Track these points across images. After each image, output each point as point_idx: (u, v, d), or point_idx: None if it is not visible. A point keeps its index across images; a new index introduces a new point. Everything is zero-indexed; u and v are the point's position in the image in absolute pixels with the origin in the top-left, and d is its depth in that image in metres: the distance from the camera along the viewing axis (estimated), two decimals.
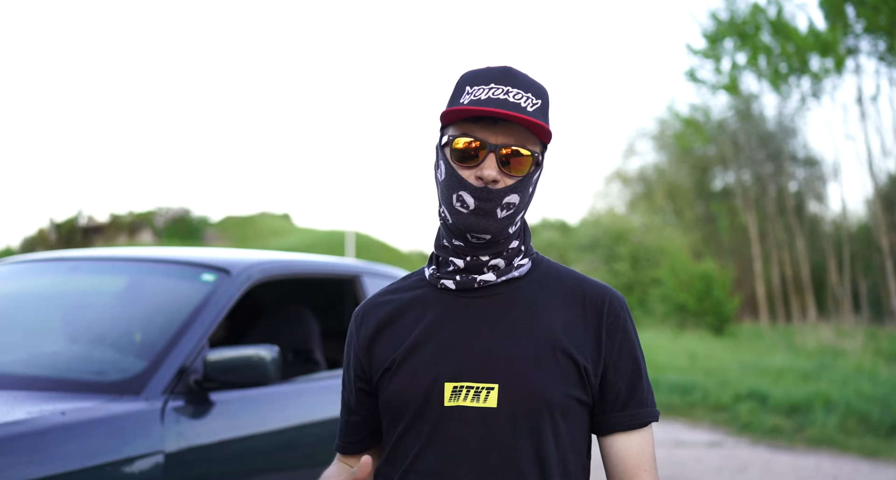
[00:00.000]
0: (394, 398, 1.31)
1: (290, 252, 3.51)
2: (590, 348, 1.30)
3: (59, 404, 2.11)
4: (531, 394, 1.25)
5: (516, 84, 1.27)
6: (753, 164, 27.53)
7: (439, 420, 1.27)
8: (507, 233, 1.30)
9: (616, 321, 1.32)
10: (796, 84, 25.47)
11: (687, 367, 11.25)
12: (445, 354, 1.28)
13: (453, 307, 1.32)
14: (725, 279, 19.96)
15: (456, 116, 1.27)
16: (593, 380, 1.30)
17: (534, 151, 1.29)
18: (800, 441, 7.62)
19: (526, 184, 1.29)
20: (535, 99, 1.28)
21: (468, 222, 1.27)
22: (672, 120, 29.67)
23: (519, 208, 1.30)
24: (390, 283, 1.47)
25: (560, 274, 1.37)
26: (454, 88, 1.32)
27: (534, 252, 1.39)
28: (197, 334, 2.48)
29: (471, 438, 1.25)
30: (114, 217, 35.55)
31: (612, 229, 24.90)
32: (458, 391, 1.26)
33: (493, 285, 1.32)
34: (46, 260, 3.08)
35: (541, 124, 1.25)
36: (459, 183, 1.27)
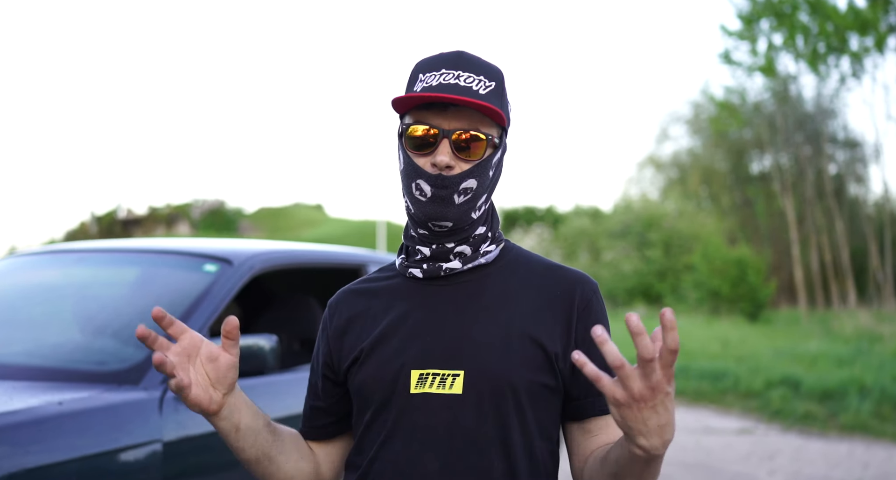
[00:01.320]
0: (362, 387, 1.31)
1: (299, 242, 3.52)
2: (559, 333, 1.28)
3: (58, 394, 2.14)
4: (496, 380, 1.24)
5: (468, 68, 1.26)
6: (791, 147, 26.99)
7: (405, 407, 1.26)
8: (468, 219, 1.28)
9: (588, 307, 1.30)
10: (835, 64, 24.87)
11: (719, 353, 11.11)
12: (412, 342, 1.28)
13: (421, 296, 1.32)
14: (761, 265, 19.63)
15: (407, 103, 1.26)
16: (562, 366, 1.27)
17: (488, 135, 1.26)
18: (832, 427, 7.49)
19: (483, 168, 1.27)
20: (489, 81, 1.26)
21: (427, 210, 1.26)
22: (706, 103, 29.18)
23: (478, 193, 1.28)
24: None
25: (530, 261, 1.36)
26: (409, 75, 1.31)
27: (502, 239, 1.37)
28: (197, 323, 2.50)
29: (436, 425, 1.24)
30: (152, 210, 36.16)
31: (643, 215, 24.61)
32: (425, 378, 1.26)
33: (462, 273, 1.31)
34: (52, 253, 3.13)
35: (490, 107, 1.23)
36: (416, 171, 1.26)
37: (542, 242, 26.89)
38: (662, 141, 32.12)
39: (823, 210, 25.88)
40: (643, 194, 30.65)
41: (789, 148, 26.90)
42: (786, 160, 27.28)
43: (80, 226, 35.30)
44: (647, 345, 0.96)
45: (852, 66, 24.91)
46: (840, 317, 16.88)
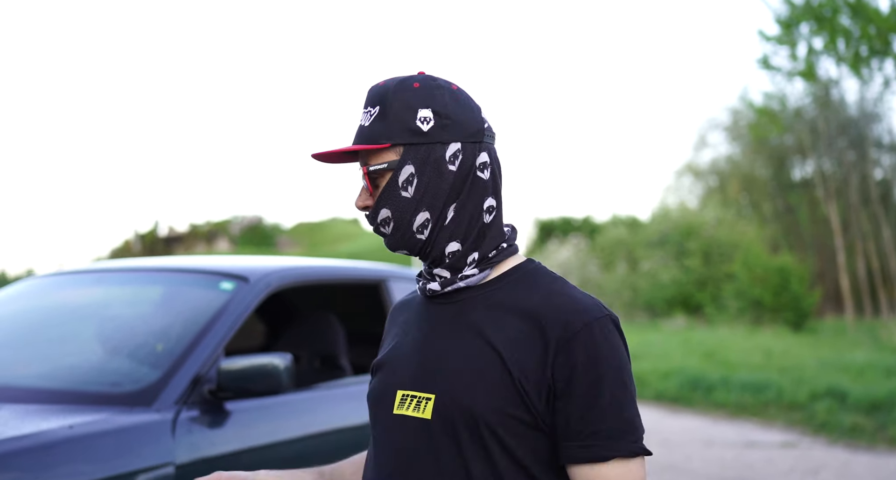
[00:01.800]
0: (367, 400, 1.34)
1: (316, 258, 3.49)
2: (532, 367, 1.17)
3: (69, 417, 2.13)
4: (461, 408, 1.18)
5: (367, 102, 1.27)
6: (834, 152, 26.46)
7: (388, 427, 1.26)
8: (416, 242, 1.25)
9: (572, 340, 1.17)
10: (878, 67, 24.33)
11: (761, 364, 10.84)
12: (405, 360, 1.28)
13: (424, 314, 1.31)
14: (804, 273, 19.19)
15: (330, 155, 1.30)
16: (535, 401, 1.17)
17: (376, 164, 1.24)
18: (881, 440, 7.23)
19: (388, 194, 1.23)
20: (373, 108, 1.25)
21: (385, 243, 1.30)
22: (745, 110, 28.74)
23: (401, 218, 1.23)
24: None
25: (536, 284, 1.26)
26: None
27: (499, 260, 1.27)
28: (213, 342, 2.47)
29: (408, 449, 1.22)
30: (192, 227, 36.74)
31: (682, 223, 24.25)
32: (405, 399, 1.24)
33: (459, 291, 1.27)
34: (73, 273, 3.14)
35: (351, 148, 1.24)
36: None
37: (579, 252, 26.65)
38: (700, 148, 31.69)
39: (869, 216, 25.27)
40: (681, 203, 30.24)
41: (832, 153, 26.36)
42: (829, 166, 26.72)
43: (124, 244, 35.98)
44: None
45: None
46: (888, 326, 16.41)
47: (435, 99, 1.23)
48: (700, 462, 6.43)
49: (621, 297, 23.02)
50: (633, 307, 22.82)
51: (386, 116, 1.22)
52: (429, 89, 1.23)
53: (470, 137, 1.24)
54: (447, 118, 1.23)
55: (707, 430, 7.92)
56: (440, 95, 1.23)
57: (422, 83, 1.24)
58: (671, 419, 8.62)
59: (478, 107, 1.28)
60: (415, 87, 1.23)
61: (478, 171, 1.24)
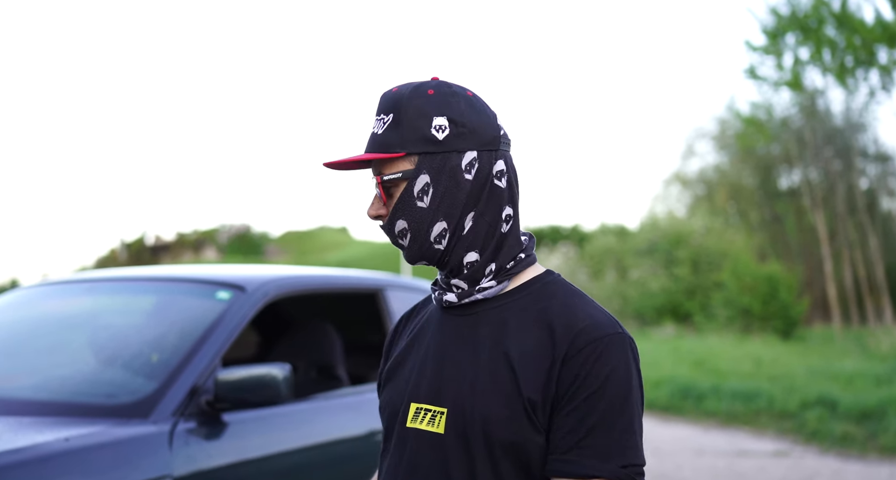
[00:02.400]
0: (380, 412, 1.31)
1: (314, 267, 3.46)
2: (539, 382, 1.14)
3: (65, 430, 2.09)
4: (472, 423, 1.15)
5: (379, 109, 1.23)
6: (821, 161, 26.67)
7: (401, 440, 1.23)
8: (434, 252, 1.22)
9: (577, 356, 1.14)
10: (864, 77, 24.57)
11: (751, 373, 10.86)
12: (417, 371, 1.24)
13: (437, 323, 1.28)
14: (792, 281, 19.28)
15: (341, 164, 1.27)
16: (541, 417, 1.14)
17: (390, 173, 1.20)
18: (872, 449, 7.24)
19: (404, 204, 1.20)
20: (387, 116, 1.21)
21: (403, 255, 1.28)
22: (732, 119, 28.93)
23: (418, 228, 1.21)
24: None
25: (553, 297, 1.21)
26: None
27: (516, 271, 1.24)
28: (210, 353, 2.44)
29: (422, 463, 1.19)
30: (179, 236, 36.55)
31: (670, 232, 24.34)
32: (419, 412, 1.21)
33: (474, 303, 1.24)
34: (64, 283, 3.10)
35: (364, 157, 1.21)
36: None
37: (568, 261, 26.69)
38: (688, 158, 31.85)
39: (856, 225, 25.47)
40: (670, 212, 30.37)
41: (819, 163, 26.55)
42: (815, 175, 26.92)
43: (110, 253, 35.74)
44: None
45: (881, 79, 24.60)
46: (876, 334, 16.50)
47: (450, 106, 1.20)
48: (691, 472, 6.42)
49: (610, 305, 23.06)
50: (623, 315, 22.86)
51: (400, 124, 1.19)
52: (444, 96, 1.20)
53: (486, 146, 1.21)
54: (463, 126, 1.20)
55: (698, 439, 7.91)
56: (455, 102, 1.20)
57: (436, 90, 1.21)
58: (662, 427, 8.62)
59: (493, 113, 1.24)
60: (429, 94, 1.20)
61: (495, 179, 1.21)
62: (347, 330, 3.61)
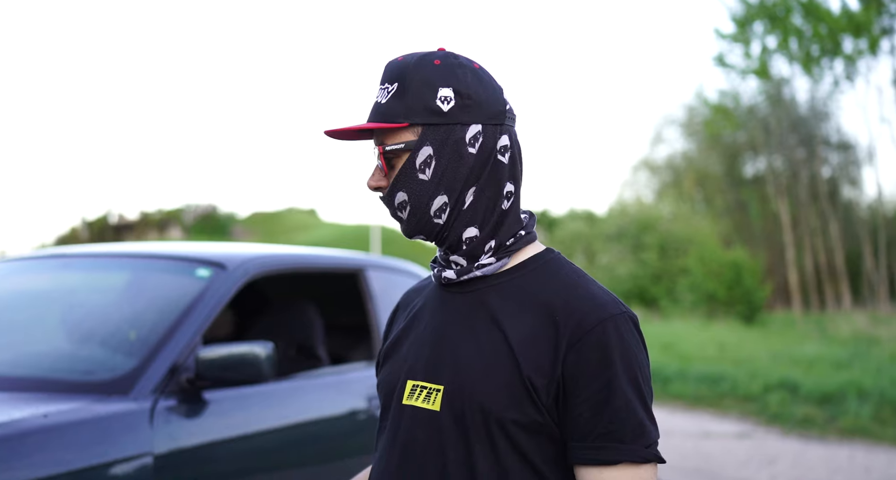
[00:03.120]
0: (377, 389, 1.31)
1: (295, 246, 3.43)
2: (542, 363, 1.13)
3: (43, 405, 2.05)
4: (469, 402, 1.14)
5: (383, 78, 1.21)
6: (785, 149, 27.04)
7: (396, 416, 1.22)
8: (433, 226, 1.20)
9: (585, 339, 1.12)
10: (829, 67, 24.93)
11: (716, 357, 11.05)
12: (416, 349, 1.23)
13: (436, 301, 1.26)
14: (756, 268, 19.61)
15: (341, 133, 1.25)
16: (544, 399, 1.12)
17: (393, 144, 1.18)
18: (832, 431, 7.42)
19: (405, 176, 1.18)
20: (391, 85, 1.19)
21: (401, 229, 1.26)
22: (700, 107, 29.21)
23: (418, 201, 1.18)
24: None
25: (556, 276, 1.20)
26: None
27: (518, 247, 1.23)
28: (190, 330, 2.41)
29: (416, 440, 1.18)
30: (144, 215, 36.03)
31: (639, 218, 24.59)
32: (415, 390, 1.20)
33: (473, 281, 1.22)
34: (39, 258, 3.03)
35: (367, 126, 1.19)
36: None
37: None
38: (657, 144, 32.14)
39: (818, 213, 25.93)
40: (638, 198, 30.65)
41: (783, 151, 26.93)
42: (780, 163, 27.31)
43: (70, 231, 35.11)
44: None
45: (846, 68, 24.96)
46: (835, 320, 16.87)
47: (457, 78, 1.17)
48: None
49: None
50: None
51: (405, 94, 1.17)
52: (450, 67, 1.18)
53: (491, 119, 1.18)
54: (468, 98, 1.17)
55: (665, 421, 8.03)
56: (462, 73, 1.18)
57: (443, 61, 1.18)
58: None
59: (500, 87, 1.22)
60: (436, 64, 1.17)
61: (498, 154, 1.19)
62: (327, 310, 3.59)
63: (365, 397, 2.88)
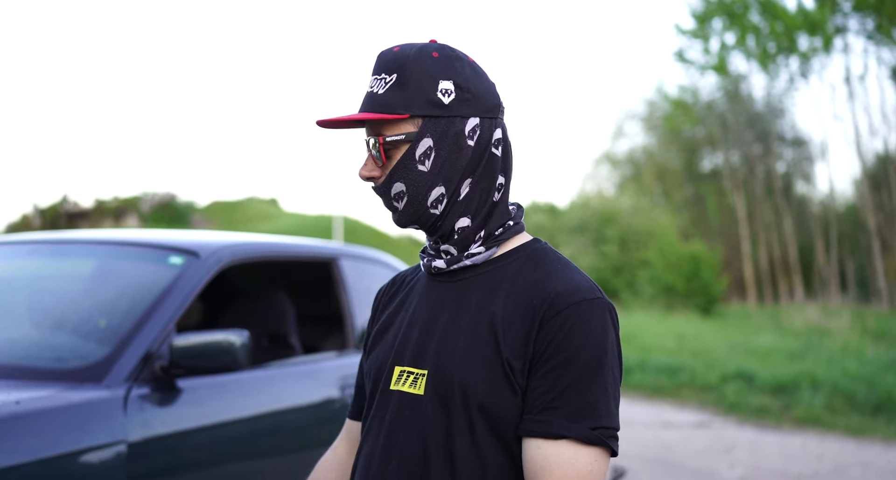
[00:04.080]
0: (365, 376, 1.33)
1: (267, 234, 3.40)
2: (518, 344, 1.15)
3: (14, 393, 2.02)
4: (451, 385, 1.17)
5: (378, 68, 1.21)
6: (742, 145, 27.53)
7: (384, 402, 1.24)
8: (429, 217, 1.22)
9: (555, 318, 1.14)
10: (785, 64, 25.41)
11: (674, 348, 11.24)
12: (403, 336, 1.26)
13: (425, 290, 1.29)
14: (713, 261, 19.97)
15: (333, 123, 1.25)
16: (520, 380, 1.15)
17: (392, 135, 1.19)
18: (786, 420, 7.62)
19: (404, 167, 1.19)
20: (389, 76, 1.19)
21: (394, 220, 1.27)
22: (661, 101, 29.59)
23: (416, 192, 1.20)
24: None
25: (536, 264, 1.23)
26: None
27: (505, 238, 1.26)
28: (163, 318, 2.38)
29: (401, 423, 1.21)
30: (99, 203, 35.32)
31: (600, 211, 24.84)
32: (402, 375, 1.23)
33: (461, 270, 1.25)
34: (5, 243, 2.97)
35: (366, 116, 1.19)
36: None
37: None
38: (618, 138, 32.48)
39: (772, 208, 26.48)
40: (599, 191, 30.97)
41: (740, 146, 27.41)
42: (736, 158, 27.81)
43: (21, 219, 34.29)
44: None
45: (801, 66, 25.45)
46: (789, 312, 17.26)
47: (456, 71, 1.19)
48: (621, 442, 6.63)
49: None
50: None
51: (405, 86, 1.18)
52: (449, 60, 1.20)
53: (487, 113, 1.21)
54: (468, 92, 1.19)
55: (626, 411, 8.15)
56: (461, 67, 1.20)
57: (441, 53, 1.20)
58: None
59: (493, 82, 1.25)
60: (434, 56, 1.19)
61: (493, 147, 1.22)
62: (299, 299, 3.58)
63: (338, 386, 2.88)
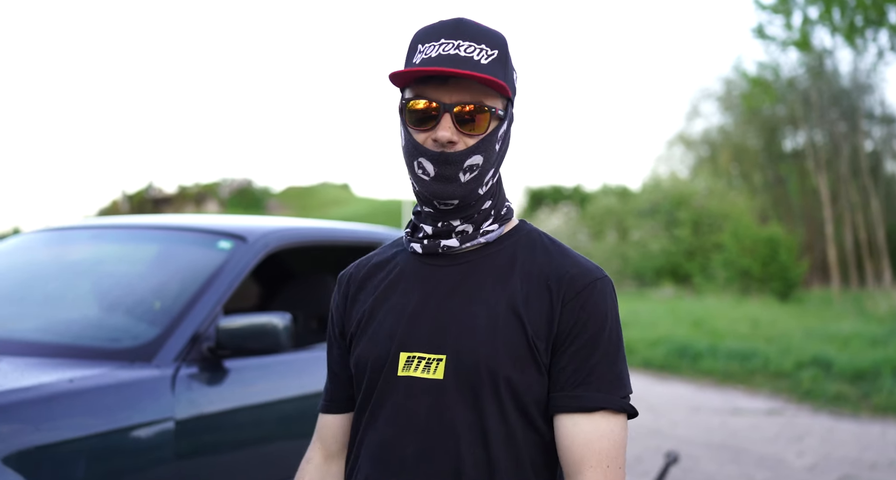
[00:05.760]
0: (357, 364, 1.30)
1: (314, 219, 3.47)
2: (542, 323, 1.21)
3: (70, 371, 2.13)
4: (476, 367, 1.19)
5: (468, 36, 1.19)
6: (826, 123, 26.46)
7: (391, 389, 1.24)
8: (475, 196, 1.24)
9: (576, 299, 1.21)
10: (873, 38, 24.20)
11: (748, 334, 10.95)
12: (404, 321, 1.26)
13: (420, 273, 1.29)
14: (792, 243, 19.31)
15: (405, 78, 1.20)
16: (544, 359, 1.21)
17: (492, 107, 1.20)
18: (865, 408, 7.35)
19: (488, 143, 1.21)
20: (490, 49, 1.19)
21: (432, 189, 1.22)
22: (738, 80, 28.61)
23: (485, 169, 1.22)
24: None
25: (537, 245, 1.29)
26: (408, 47, 1.25)
27: (509, 217, 1.31)
28: (211, 301, 2.47)
29: (418, 410, 1.21)
30: (181, 188, 36.53)
31: (672, 193, 24.30)
32: (411, 361, 1.23)
33: (463, 253, 1.27)
34: (69, 229, 3.12)
35: (492, 79, 1.16)
36: (417, 149, 1.22)
37: (569, 221, 26.69)
38: (693, 118, 31.61)
39: (858, 188, 25.38)
40: (672, 173, 30.26)
41: (824, 125, 26.34)
42: (820, 137, 26.73)
43: (111, 204, 35.76)
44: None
45: (891, 39, 24.24)
46: (874, 297, 16.58)
47: (515, 70, 1.28)
48: (686, 428, 6.52)
49: (610, 266, 23.12)
50: (622, 276, 22.93)
51: (505, 66, 1.22)
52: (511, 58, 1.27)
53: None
54: (517, 90, 1.29)
55: (694, 397, 8.02)
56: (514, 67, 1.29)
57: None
58: (659, 386, 8.73)
59: None
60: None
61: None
62: None
63: None
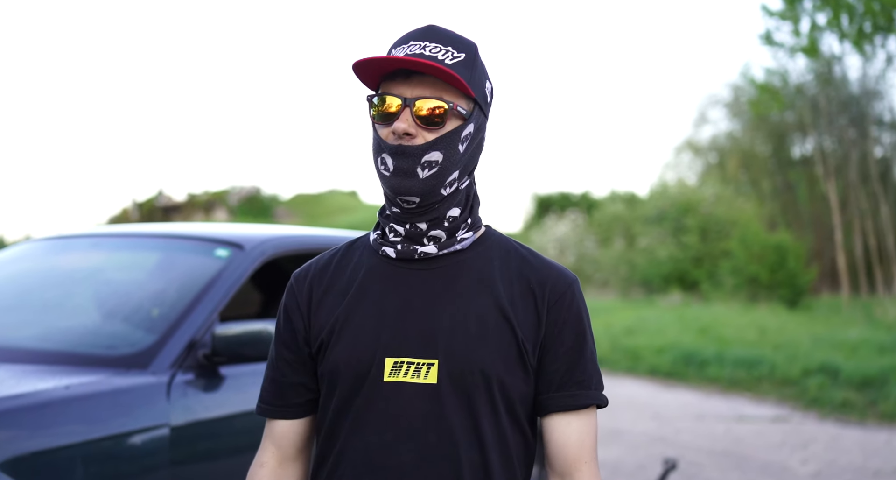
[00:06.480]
0: (334, 370, 1.25)
1: (311, 227, 3.50)
2: (530, 326, 1.25)
3: (65, 378, 2.15)
4: (471, 370, 1.21)
5: (436, 39, 1.22)
6: (835, 129, 26.37)
7: (377, 395, 1.22)
8: (437, 195, 1.23)
9: (560, 301, 1.27)
10: (881, 44, 24.15)
11: (755, 341, 10.90)
12: (386, 327, 1.24)
13: (395, 277, 1.27)
14: (801, 250, 19.22)
15: (374, 77, 1.23)
16: (532, 360, 1.25)
17: (451, 102, 1.20)
18: (872, 415, 7.31)
19: (449, 140, 1.21)
20: (457, 53, 1.22)
21: (391, 183, 1.21)
22: (746, 86, 28.56)
23: (446, 167, 1.21)
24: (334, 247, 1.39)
25: (509, 249, 1.32)
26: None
27: (481, 225, 1.34)
28: (207, 308, 2.49)
29: (410, 415, 1.21)
30: (190, 196, 36.70)
31: (680, 200, 24.24)
32: (399, 366, 1.22)
33: (436, 257, 1.27)
34: (68, 237, 3.16)
35: (450, 72, 1.17)
36: (380, 145, 1.23)
37: (577, 228, 26.65)
38: (700, 125, 31.55)
39: (868, 194, 25.26)
40: (680, 179, 30.17)
41: (833, 131, 26.26)
42: (829, 143, 26.64)
43: (122, 212, 35.96)
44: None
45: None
46: (884, 304, 16.50)
47: (488, 77, 1.30)
48: (690, 435, 6.50)
49: (618, 273, 23.08)
50: (630, 282, 22.88)
51: (472, 69, 1.24)
52: (485, 65, 1.30)
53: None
54: (492, 98, 1.31)
55: (699, 404, 7.99)
56: (488, 75, 1.31)
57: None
58: (664, 393, 8.70)
59: None
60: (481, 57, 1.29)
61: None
62: None
63: None
